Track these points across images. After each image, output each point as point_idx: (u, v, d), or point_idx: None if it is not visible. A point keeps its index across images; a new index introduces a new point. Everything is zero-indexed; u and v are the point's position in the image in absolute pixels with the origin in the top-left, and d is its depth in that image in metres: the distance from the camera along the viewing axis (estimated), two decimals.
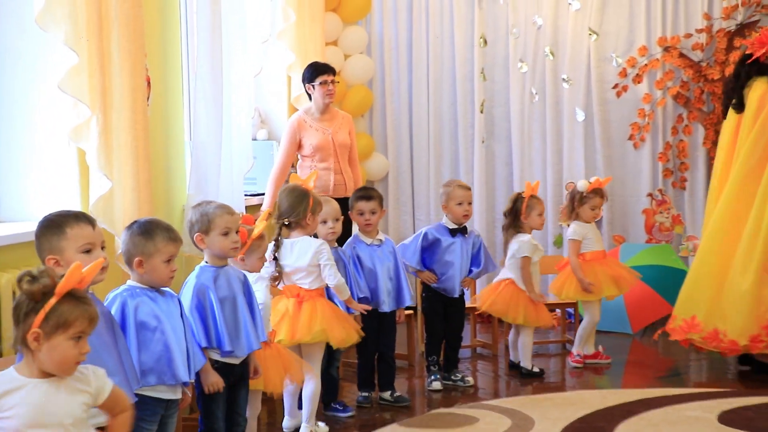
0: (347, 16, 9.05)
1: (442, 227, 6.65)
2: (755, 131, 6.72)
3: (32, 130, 5.35)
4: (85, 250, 3.62)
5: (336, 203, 6.09)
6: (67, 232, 3.63)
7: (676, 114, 8.75)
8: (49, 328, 2.88)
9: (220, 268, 4.66)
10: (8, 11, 5.27)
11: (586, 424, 5.70)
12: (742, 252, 6.66)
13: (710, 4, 8.68)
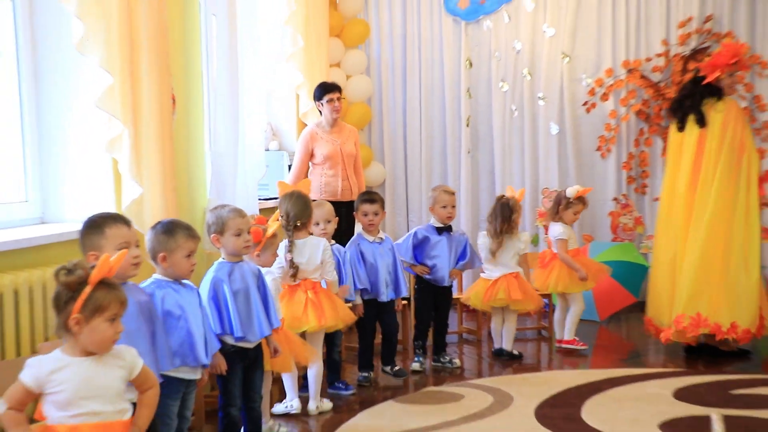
0: (349, 41, 9.07)
1: (431, 227, 6.71)
2: (727, 150, 6.71)
3: (72, 142, 5.36)
4: (122, 247, 3.66)
5: (330, 206, 6.12)
6: (106, 232, 3.72)
7: (638, 128, 8.78)
8: (88, 312, 2.97)
9: (234, 263, 4.69)
10: (50, 38, 5.29)
11: (558, 400, 5.72)
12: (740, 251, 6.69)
13: (668, 31, 8.70)
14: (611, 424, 5.21)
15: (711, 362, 6.66)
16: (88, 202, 5.27)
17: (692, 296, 6.66)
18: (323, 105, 7.52)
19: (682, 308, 6.64)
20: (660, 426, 5.16)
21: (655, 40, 8.74)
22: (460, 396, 5.85)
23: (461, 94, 9.05)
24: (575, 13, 8.82)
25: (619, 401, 5.71)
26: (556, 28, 8.84)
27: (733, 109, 6.89)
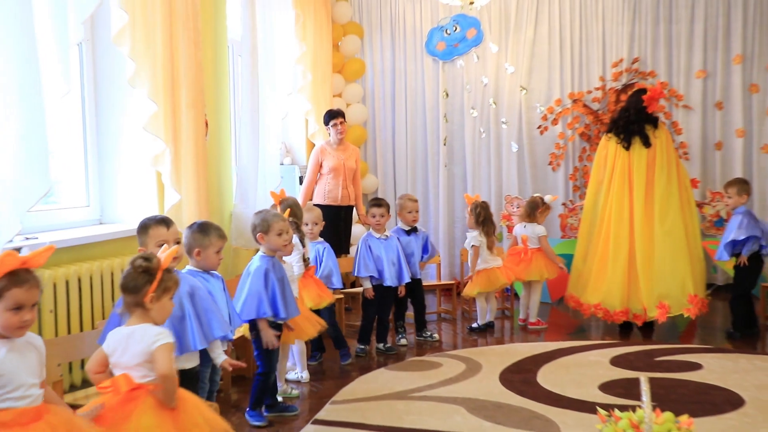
0: (348, 76, 9.10)
1: (400, 230, 6.66)
2: (668, 164, 6.86)
3: (124, 158, 5.39)
4: (160, 245, 3.72)
5: (318, 211, 6.15)
6: (149, 232, 3.78)
7: (581, 147, 8.79)
8: (159, 292, 3.13)
9: (272, 257, 4.75)
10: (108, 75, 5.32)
11: (518, 367, 5.73)
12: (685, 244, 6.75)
13: (604, 69, 8.72)
14: (561, 386, 5.21)
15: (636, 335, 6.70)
16: (136, 207, 5.33)
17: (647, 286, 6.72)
18: (330, 128, 7.56)
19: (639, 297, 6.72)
20: (599, 387, 5.18)
21: (594, 77, 8.76)
22: (439, 364, 5.85)
23: (439, 119, 9.05)
24: (530, 54, 8.83)
25: (567, 367, 5.72)
26: (516, 66, 8.85)
27: (666, 133, 7.04)
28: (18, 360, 2.68)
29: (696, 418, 4.18)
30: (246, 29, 6.43)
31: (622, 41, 8.69)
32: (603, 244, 6.90)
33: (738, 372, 5.53)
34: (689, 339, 6.65)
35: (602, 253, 6.89)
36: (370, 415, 4.69)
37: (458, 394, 5.08)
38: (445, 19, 8.96)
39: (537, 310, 7.17)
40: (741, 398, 4.94)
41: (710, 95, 8.62)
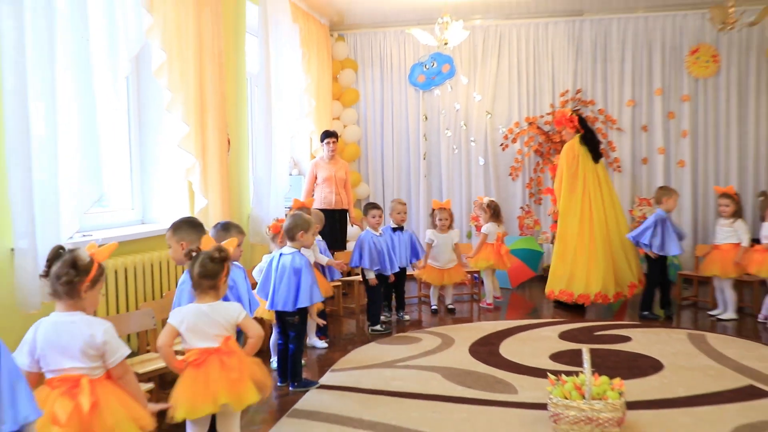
0: (345, 102, 9.10)
1: (389, 228, 6.61)
2: (609, 180, 7.05)
3: (162, 169, 5.42)
4: None
5: (321, 214, 6.14)
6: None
7: (536, 161, 8.79)
8: (225, 277, 3.25)
9: (298, 251, 4.77)
10: (150, 102, 5.36)
11: (484, 340, 5.74)
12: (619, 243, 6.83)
13: (553, 98, 8.73)
14: (519, 356, 5.24)
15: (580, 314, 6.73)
16: (172, 210, 5.35)
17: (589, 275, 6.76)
18: (324, 145, 7.56)
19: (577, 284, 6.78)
20: (550, 356, 5.21)
21: (545, 104, 8.77)
22: (419, 339, 5.86)
23: (420, 138, 9.05)
24: (494, 85, 8.84)
25: (524, 341, 5.74)
26: (482, 95, 8.87)
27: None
28: None
29: (626, 380, 4.24)
30: (261, 65, 6.45)
31: (568, 75, 8.72)
32: (589, 241, 6.79)
33: (659, 343, 5.57)
34: (621, 317, 6.66)
35: (590, 250, 6.77)
36: (363, 381, 4.71)
37: (435, 363, 5.10)
38: (425, 56, 8.97)
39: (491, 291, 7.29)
40: (661, 364, 4.99)
41: (637, 120, 8.65)
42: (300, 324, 4.71)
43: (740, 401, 4.19)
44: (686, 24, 8.48)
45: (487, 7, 8.35)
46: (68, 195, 3.77)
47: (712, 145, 8.53)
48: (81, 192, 3.83)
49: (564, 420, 3.69)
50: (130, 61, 4.30)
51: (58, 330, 2.71)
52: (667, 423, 3.86)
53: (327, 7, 8.20)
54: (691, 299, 7.18)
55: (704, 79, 8.47)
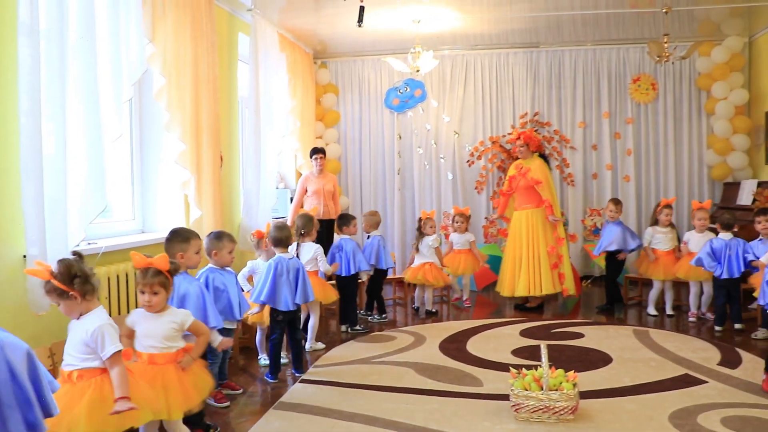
0: (327, 123, 9.07)
1: (375, 237, 6.64)
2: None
3: (161, 183, 5.38)
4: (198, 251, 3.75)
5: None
6: (191, 242, 3.79)
7: (498, 176, 8.80)
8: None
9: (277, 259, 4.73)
10: (150, 121, 5.33)
11: (453, 338, 5.75)
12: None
13: (514, 119, 8.77)
14: (483, 351, 5.25)
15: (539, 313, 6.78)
16: (169, 220, 5.31)
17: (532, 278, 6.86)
18: (313, 160, 7.54)
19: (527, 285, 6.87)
20: (511, 352, 5.22)
21: (507, 124, 8.81)
22: (394, 337, 5.85)
23: (394, 155, 9.04)
24: (461, 108, 8.88)
25: (488, 338, 5.74)
26: (450, 116, 8.89)
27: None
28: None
29: (579, 373, 4.28)
30: (252, 89, 6.43)
31: (526, 100, 8.78)
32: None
33: (608, 338, 5.61)
34: (575, 315, 6.70)
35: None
36: (342, 375, 4.70)
37: (408, 360, 5.09)
38: (399, 81, 8.99)
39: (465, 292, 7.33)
40: (610, 357, 5.03)
41: (588, 139, 8.73)
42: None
43: (678, 389, 4.25)
44: (628, 56, 8.60)
45: (454, 38, 8.40)
46: (75, 207, 3.74)
47: (653, 162, 8.64)
48: (87, 204, 3.80)
49: (524, 409, 3.71)
50: (132, 86, 4.27)
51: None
52: (614, 410, 3.89)
53: (311, 37, 8.21)
54: (636, 299, 7.25)
55: (645, 104, 8.59)
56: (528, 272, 6.87)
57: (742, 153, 8.12)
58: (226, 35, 6.37)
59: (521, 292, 6.87)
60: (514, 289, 6.91)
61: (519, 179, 7.02)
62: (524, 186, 6.97)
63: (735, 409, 3.84)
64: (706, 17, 7.49)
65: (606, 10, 7.17)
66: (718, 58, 8.12)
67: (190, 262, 3.83)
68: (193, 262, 3.85)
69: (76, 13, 3.70)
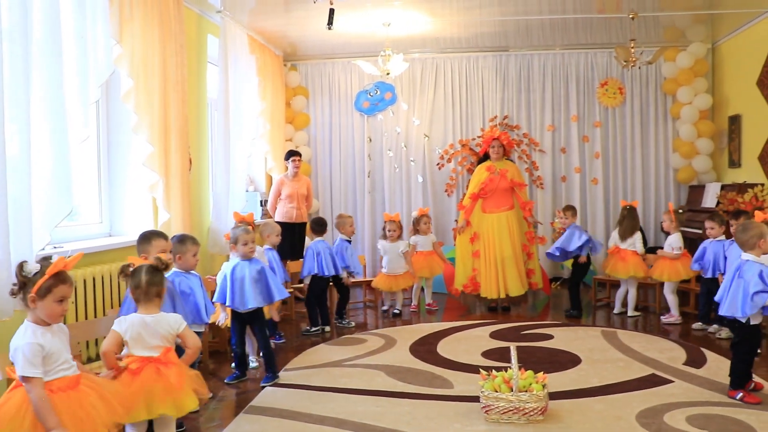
0: (297, 126, 9.05)
1: (343, 240, 6.62)
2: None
3: (129, 186, 5.32)
4: (162, 252, 3.69)
5: (278, 226, 6.00)
6: (152, 243, 3.71)
7: (468, 179, 8.73)
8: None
9: (242, 261, 4.67)
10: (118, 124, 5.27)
11: (423, 340, 5.76)
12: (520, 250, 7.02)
13: (483, 122, 8.83)
14: (454, 354, 5.27)
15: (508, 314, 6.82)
16: (137, 223, 5.25)
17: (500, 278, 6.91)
18: (289, 163, 7.51)
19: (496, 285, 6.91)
20: (481, 354, 5.25)
21: (476, 128, 8.87)
22: (364, 340, 5.85)
23: (364, 158, 9.05)
24: (431, 111, 8.93)
25: (459, 340, 5.77)
26: (420, 119, 8.93)
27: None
28: (58, 340, 2.68)
29: (549, 374, 4.32)
30: (221, 91, 6.40)
31: (496, 103, 8.85)
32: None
33: (577, 339, 5.67)
34: (544, 317, 6.77)
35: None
36: (313, 379, 4.69)
37: (379, 362, 5.10)
38: (369, 85, 9.01)
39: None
40: (579, 358, 5.09)
41: (557, 143, 8.84)
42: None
43: (645, 388, 4.31)
44: (596, 60, 8.73)
45: (424, 42, 8.44)
46: (40, 210, 3.68)
47: (620, 165, 8.77)
48: (52, 207, 3.73)
49: (494, 410, 3.74)
50: (99, 87, 4.22)
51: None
52: (583, 410, 3.94)
53: (281, 39, 8.18)
54: (604, 300, 7.35)
55: (612, 108, 8.73)
56: (519, 272, 6.92)
57: (707, 156, 8.29)
58: (195, 37, 6.33)
59: (517, 291, 6.90)
60: (504, 289, 6.91)
61: (497, 181, 7.01)
62: (502, 188, 7.01)
63: (699, 408, 3.92)
64: (671, 23, 7.64)
65: (574, 15, 7.27)
66: (682, 64, 8.29)
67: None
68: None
69: (41, 12, 3.64)
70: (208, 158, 6.74)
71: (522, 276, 6.96)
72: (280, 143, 8.44)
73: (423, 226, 7.23)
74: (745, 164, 7.60)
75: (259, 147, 7.95)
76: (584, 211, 8.76)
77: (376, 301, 7.60)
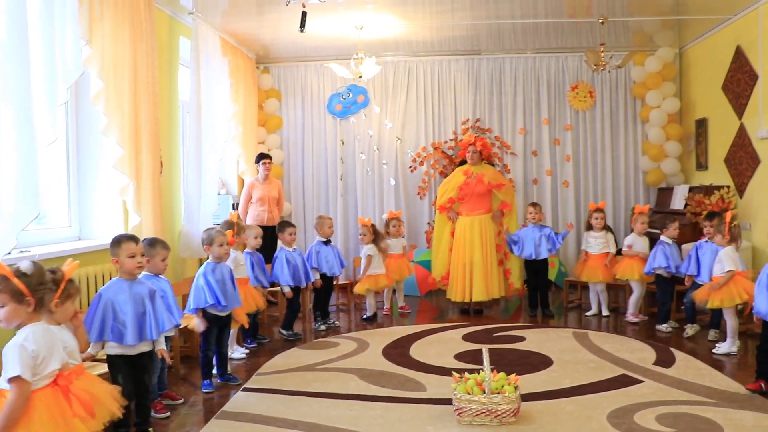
0: (270, 128, 9.00)
1: (319, 242, 6.55)
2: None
3: (99, 189, 5.27)
4: (131, 255, 3.64)
5: (259, 229, 5.98)
6: (122, 246, 3.65)
7: (441, 182, 8.77)
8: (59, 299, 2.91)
9: (217, 264, 4.63)
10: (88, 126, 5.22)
11: (396, 343, 5.76)
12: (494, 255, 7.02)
13: (456, 125, 8.89)
14: (426, 356, 5.28)
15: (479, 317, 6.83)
16: (107, 227, 5.21)
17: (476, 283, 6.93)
18: (260, 165, 7.48)
19: None
20: (454, 356, 5.27)
21: (449, 131, 8.93)
22: (337, 344, 5.82)
23: (337, 161, 9.03)
24: (403, 114, 8.95)
25: (431, 343, 5.77)
26: (393, 122, 8.94)
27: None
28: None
29: (521, 376, 4.36)
30: (193, 93, 6.35)
31: (468, 106, 8.90)
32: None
33: (549, 341, 5.72)
34: (517, 319, 6.81)
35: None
36: (286, 383, 4.66)
37: (352, 366, 5.08)
38: (342, 87, 9.00)
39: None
40: (551, 359, 5.13)
41: (528, 146, 8.91)
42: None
43: (616, 389, 4.36)
44: (567, 64, 8.83)
45: (396, 45, 8.46)
46: (6, 213, 3.62)
47: (591, 168, 8.88)
48: (19, 210, 3.67)
49: (467, 413, 3.76)
50: (68, 89, 4.16)
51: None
52: (555, 411, 3.97)
53: (254, 42, 8.14)
54: (576, 302, 7.43)
55: (583, 112, 8.84)
56: (486, 277, 6.92)
57: (675, 159, 8.44)
58: (166, 38, 6.27)
59: (480, 296, 6.89)
60: (469, 294, 6.92)
61: (473, 185, 7.01)
62: (478, 192, 7.02)
63: (669, 407, 3.98)
64: (640, 28, 7.77)
65: (545, 20, 7.35)
66: (651, 68, 8.42)
67: (124, 266, 3.64)
68: (126, 266, 3.65)
69: (6, 12, 3.58)
70: (179, 161, 6.68)
71: (490, 282, 6.92)
72: (253, 146, 8.40)
73: (393, 229, 7.21)
74: (712, 167, 7.75)
75: (231, 150, 7.90)
76: (555, 213, 8.86)
77: (349, 305, 7.59)
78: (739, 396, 4.18)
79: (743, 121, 6.97)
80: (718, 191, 7.06)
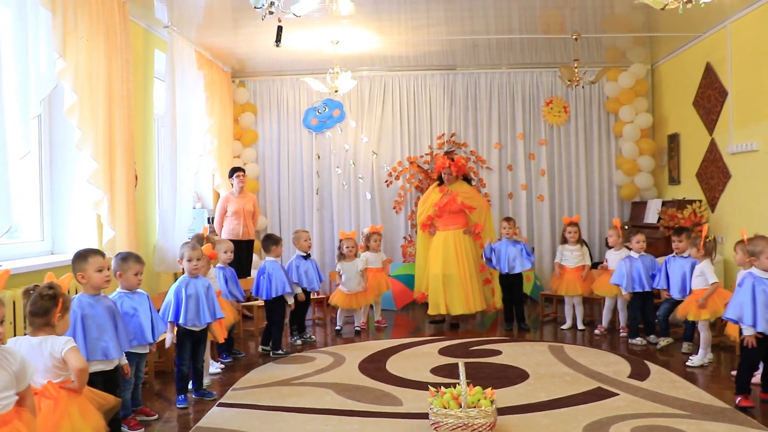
0: (245, 142, 9.01)
1: (299, 256, 6.47)
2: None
3: (72, 203, 5.24)
4: (98, 269, 3.62)
5: (230, 243, 5.89)
6: (89, 260, 3.61)
7: (417, 196, 8.87)
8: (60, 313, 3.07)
9: (192, 279, 4.58)
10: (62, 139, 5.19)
11: (372, 357, 5.76)
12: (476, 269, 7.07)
13: (431, 140, 8.98)
14: (403, 371, 5.28)
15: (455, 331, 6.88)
16: (80, 241, 5.16)
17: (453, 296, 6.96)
18: (234, 179, 7.48)
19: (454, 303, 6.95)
20: (430, 370, 5.27)
21: (424, 145, 9.00)
22: (313, 358, 5.80)
23: (313, 175, 9.05)
24: (379, 129, 9.01)
25: (408, 357, 5.78)
26: (369, 137, 9.01)
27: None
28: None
29: (497, 389, 4.38)
30: (168, 107, 6.34)
31: (443, 121, 9.00)
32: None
33: (525, 355, 5.75)
34: (493, 333, 6.84)
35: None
36: (261, 398, 4.63)
37: (328, 380, 5.07)
38: (317, 102, 9.04)
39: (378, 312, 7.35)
40: (527, 373, 5.15)
41: (504, 160, 9.02)
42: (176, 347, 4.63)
43: (591, 402, 4.40)
44: (541, 79, 8.97)
45: (372, 60, 8.53)
46: None
47: (565, 182, 9.00)
48: None
49: (443, 427, 3.77)
50: (41, 102, 4.14)
51: None
52: (531, 424, 4.00)
53: (229, 56, 8.15)
54: (551, 315, 7.49)
55: (557, 126, 8.97)
56: (464, 290, 6.95)
57: (648, 174, 8.58)
58: (141, 52, 6.26)
59: (459, 310, 6.92)
60: (447, 307, 6.95)
61: (449, 203, 7.09)
62: (454, 210, 7.10)
63: (644, 420, 4.02)
64: (613, 45, 7.92)
65: (520, 36, 7.47)
66: (624, 84, 8.59)
67: (92, 281, 3.60)
68: (94, 281, 3.61)
69: None
70: (154, 175, 6.66)
71: (470, 295, 6.96)
72: (228, 160, 8.38)
73: (373, 243, 7.23)
74: (684, 181, 7.89)
75: (206, 163, 7.89)
76: (531, 227, 8.95)
77: (325, 319, 7.57)
78: (712, 408, 4.25)
79: (714, 136, 7.13)
80: (690, 205, 7.19)
